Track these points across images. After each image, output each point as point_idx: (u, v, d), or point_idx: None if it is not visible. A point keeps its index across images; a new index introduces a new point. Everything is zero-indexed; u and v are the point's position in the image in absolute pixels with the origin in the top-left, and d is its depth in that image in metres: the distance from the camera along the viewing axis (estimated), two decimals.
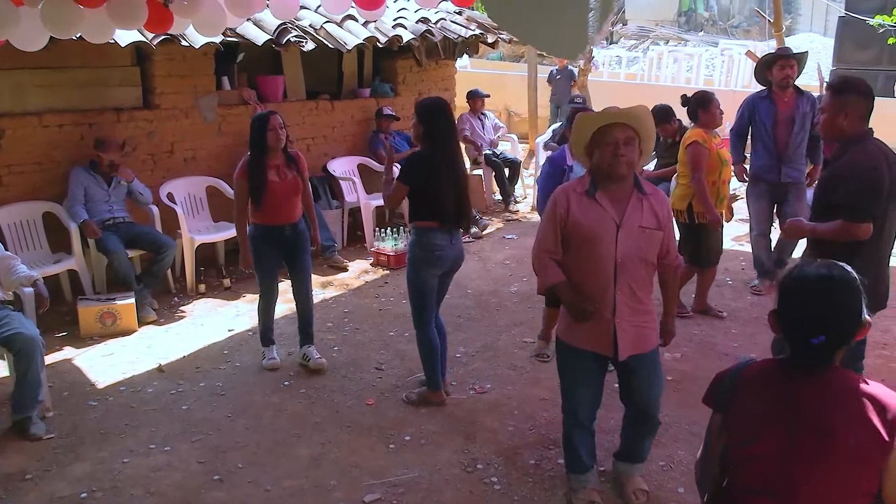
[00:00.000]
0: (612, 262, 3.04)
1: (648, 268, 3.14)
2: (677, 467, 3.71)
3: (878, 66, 11.07)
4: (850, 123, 3.42)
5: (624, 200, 3.06)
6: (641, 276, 3.11)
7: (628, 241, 3.04)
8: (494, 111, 10.62)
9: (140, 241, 5.85)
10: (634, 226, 3.05)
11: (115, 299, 5.45)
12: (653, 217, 3.07)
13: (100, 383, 4.66)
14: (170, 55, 6.37)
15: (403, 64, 8.47)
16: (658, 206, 3.10)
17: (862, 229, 3.36)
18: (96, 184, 5.80)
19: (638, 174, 3.30)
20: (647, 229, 3.06)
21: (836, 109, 3.44)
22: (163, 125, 6.53)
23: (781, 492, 1.86)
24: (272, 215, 4.61)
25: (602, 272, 3.07)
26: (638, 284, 3.10)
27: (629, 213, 3.05)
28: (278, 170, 4.61)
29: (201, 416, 4.27)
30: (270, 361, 4.82)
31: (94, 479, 3.65)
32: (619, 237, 3.03)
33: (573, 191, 3.14)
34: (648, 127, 3.09)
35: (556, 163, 4.61)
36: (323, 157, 7.76)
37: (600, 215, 3.05)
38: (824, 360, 1.86)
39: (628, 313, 3.10)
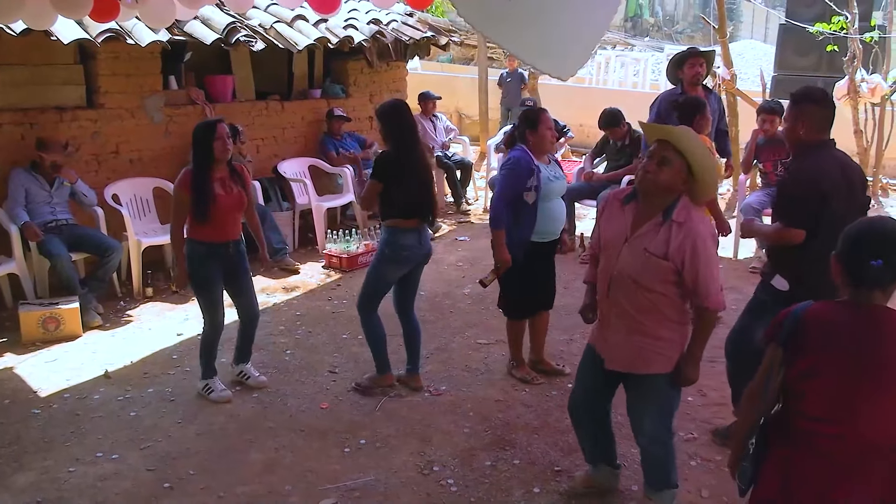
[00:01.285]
0: (609, 273, 2.99)
1: (648, 294, 2.93)
2: (631, 466, 3.75)
3: (817, 72, 11.38)
4: (807, 132, 3.50)
5: (647, 218, 2.92)
6: (638, 300, 2.95)
7: (628, 258, 2.93)
8: (445, 113, 10.63)
9: (84, 243, 5.70)
10: (640, 246, 2.90)
11: (58, 304, 5.29)
12: (664, 245, 2.87)
13: (43, 391, 4.51)
14: (115, 53, 6.22)
15: (354, 65, 8.43)
16: (678, 238, 2.85)
17: (793, 234, 3.47)
18: (38, 185, 5.63)
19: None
20: (651, 255, 2.88)
21: (793, 118, 3.55)
22: (107, 125, 6.37)
23: (841, 418, 2.10)
24: (217, 231, 4.25)
25: (602, 280, 3.06)
26: (635, 306, 2.96)
27: (643, 231, 2.91)
28: (223, 182, 4.27)
29: (150, 422, 4.17)
30: (223, 394, 4.40)
31: (39, 490, 3.53)
32: (622, 252, 2.95)
33: (615, 195, 3.11)
34: (693, 150, 2.86)
35: (523, 164, 4.28)
36: (273, 159, 7.67)
37: (620, 225, 2.99)
38: (883, 283, 2.10)
39: (622, 329, 3.02)
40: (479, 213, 8.87)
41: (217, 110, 7.01)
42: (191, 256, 4.26)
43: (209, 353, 4.45)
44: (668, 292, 2.92)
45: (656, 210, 2.90)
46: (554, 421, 4.18)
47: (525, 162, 4.26)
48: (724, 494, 3.53)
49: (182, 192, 4.19)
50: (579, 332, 5.38)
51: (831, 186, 3.42)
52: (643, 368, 3.05)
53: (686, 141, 2.86)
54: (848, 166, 3.55)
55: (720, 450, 3.90)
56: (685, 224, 2.86)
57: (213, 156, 4.19)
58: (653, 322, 2.97)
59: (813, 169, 3.47)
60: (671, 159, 2.84)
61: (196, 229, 4.23)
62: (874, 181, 9.10)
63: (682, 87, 5.85)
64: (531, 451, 3.90)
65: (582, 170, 7.64)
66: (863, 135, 9.11)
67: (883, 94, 8.89)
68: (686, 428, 4.12)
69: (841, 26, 8.70)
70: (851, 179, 3.52)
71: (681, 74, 5.84)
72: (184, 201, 4.19)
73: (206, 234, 4.22)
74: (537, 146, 4.32)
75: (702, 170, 2.88)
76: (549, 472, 3.72)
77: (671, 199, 2.89)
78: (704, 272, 2.86)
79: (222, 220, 4.26)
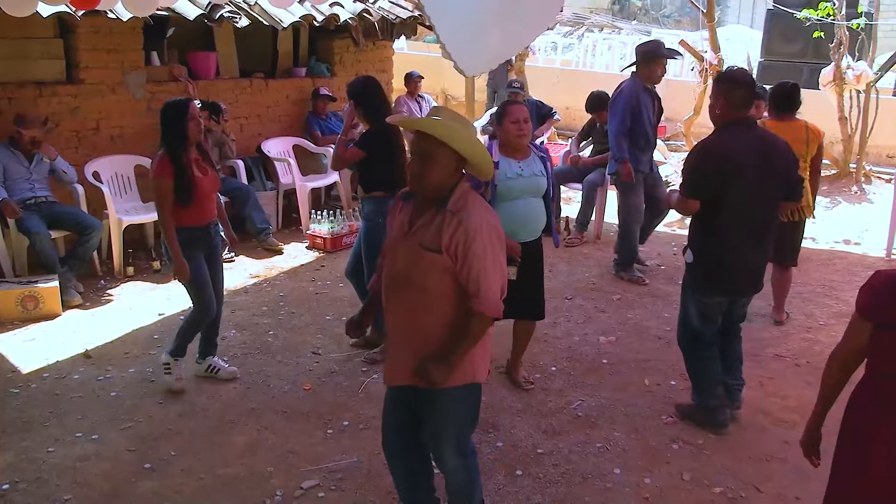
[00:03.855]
0: (388, 274, 2.70)
1: (425, 294, 2.59)
2: (614, 449, 3.78)
3: (803, 58, 11.40)
4: (723, 110, 3.66)
5: (424, 212, 2.62)
6: (416, 302, 2.61)
7: (404, 256, 2.63)
8: (432, 94, 10.56)
9: (64, 221, 5.62)
10: (415, 241, 2.60)
11: (37, 282, 5.22)
12: (438, 238, 2.54)
13: (22, 370, 4.46)
14: (95, 28, 6.11)
15: (340, 44, 8.33)
16: (450, 228, 2.53)
17: (688, 205, 3.73)
18: (16, 161, 5.54)
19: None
20: (425, 249, 2.56)
21: (714, 97, 3.72)
22: (87, 101, 6.27)
23: None
24: (198, 215, 4.10)
25: (383, 284, 2.75)
26: (412, 309, 2.63)
27: (419, 225, 2.61)
28: (198, 164, 4.12)
29: (131, 403, 4.13)
30: (176, 383, 4.25)
31: (18, 470, 3.50)
32: (399, 250, 2.66)
33: (399, 193, 2.83)
34: (453, 134, 2.54)
35: None
36: (257, 138, 7.59)
37: (399, 223, 2.71)
38: None
39: (401, 337, 2.70)
40: None
41: (200, 88, 6.92)
42: (182, 244, 4.04)
43: (190, 335, 4.28)
44: (449, 292, 2.59)
45: (433, 202, 2.61)
46: (537, 404, 4.18)
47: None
48: (705, 478, 3.55)
49: (165, 179, 3.97)
50: (563, 317, 5.39)
51: (736, 163, 3.56)
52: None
53: (444, 128, 2.54)
54: (771, 146, 3.68)
55: (702, 433, 3.93)
56: (460, 213, 2.55)
57: (187, 137, 4.02)
58: (437, 328, 2.61)
59: (719, 144, 3.64)
60: (434, 153, 2.53)
61: (177, 215, 4.03)
62: (858, 168, 9.15)
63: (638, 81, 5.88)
64: (514, 433, 3.90)
65: (568, 153, 7.63)
66: (847, 122, 9.14)
67: (868, 82, 8.91)
68: (667, 411, 4.14)
69: (828, 12, 8.70)
70: (770, 160, 3.63)
71: (646, 70, 5.81)
72: (168, 188, 3.97)
73: (188, 218, 4.05)
74: (504, 141, 4.03)
75: (473, 153, 2.60)
76: (531, 454, 3.72)
77: (448, 188, 2.59)
78: (478, 267, 2.53)
79: (202, 203, 4.11)
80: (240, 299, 5.66)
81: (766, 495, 3.44)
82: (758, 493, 3.46)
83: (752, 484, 3.51)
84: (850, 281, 6.22)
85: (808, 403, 4.22)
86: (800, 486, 3.44)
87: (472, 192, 2.64)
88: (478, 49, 3.48)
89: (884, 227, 7.28)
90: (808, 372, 4.64)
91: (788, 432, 3.95)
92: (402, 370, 2.69)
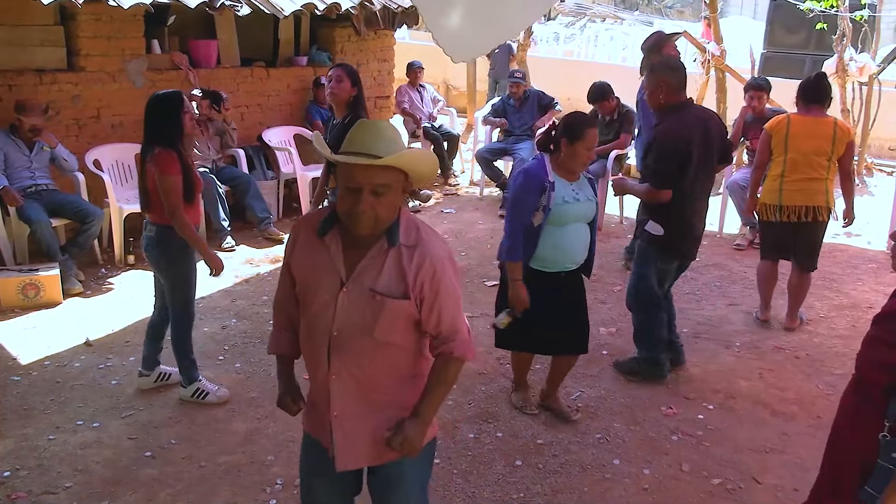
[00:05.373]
0: (326, 333, 2.11)
1: (387, 350, 2.13)
2: (613, 440, 3.79)
3: (806, 50, 11.38)
4: (666, 96, 3.99)
5: (363, 247, 2.09)
6: (376, 361, 2.13)
7: (352, 308, 2.08)
8: (433, 84, 10.53)
9: (64, 209, 5.62)
10: (364, 287, 2.08)
11: (37, 270, 5.22)
12: (399, 279, 2.08)
13: (22, 358, 4.47)
14: (96, 15, 6.09)
15: (342, 33, 8.30)
16: (413, 265, 2.08)
17: (662, 195, 3.98)
18: (17, 149, 5.53)
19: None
20: (384, 296, 2.07)
21: (654, 85, 4.03)
22: (88, 89, 6.25)
23: None
24: (194, 214, 3.91)
25: (317, 345, 2.14)
26: (371, 371, 2.13)
27: (364, 266, 2.08)
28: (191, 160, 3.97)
29: (132, 391, 4.14)
30: (220, 393, 4.04)
31: (19, 458, 3.51)
32: (340, 301, 2.08)
33: (308, 221, 2.20)
34: (408, 161, 2.04)
35: (534, 177, 3.58)
36: (258, 127, 7.58)
37: (325, 263, 2.11)
38: None
39: (353, 409, 2.16)
40: (466, 186, 8.83)
41: (201, 76, 6.90)
42: (173, 245, 3.80)
43: (188, 348, 4.02)
44: (409, 342, 2.18)
45: (373, 236, 2.08)
46: (537, 394, 4.19)
47: (536, 175, 3.57)
48: (703, 469, 3.56)
49: (174, 176, 3.71)
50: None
51: (691, 144, 3.94)
52: (391, 455, 2.19)
53: (405, 161, 2.03)
54: (708, 119, 4.11)
55: (701, 424, 3.94)
56: (419, 246, 2.10)
57: (183, 131, 3.86)
58: (397, 387, 2.19)
59: (674, 129, 3.96)
60: (391, 184, 2.02)
61: None
62: (860, 161, 9.13)
63: None
64: (514, 424, 3.91)
65: None
66: (850, 114, 9.13)
67: (871, 74, 8.89)
68: (666, 402, 4.15)
69: (831, 4, 8.68)
70: (710, 131, 4.05)
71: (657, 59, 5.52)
72: (178, 186, 3.72)
73: (189, 218, 3.85)
74: (566, 163, 3.57)
75: (428, 172, 2.15)
76: (531, 445, 3.73)
77: (394, 218, 2.10)
78: (450, 307, 2.15)
79: (198, 201, 3.96)
80: (241, 289, 5.66)
81: (765, 486, 3.46)
82: (756, 484, 3.47)
83: (750, 475, 3.52)
84: (851, 273, 6.23)
85: (807, 395, 4.26)
86: (798, 478, 3.45)
87: (415, 217, 2.19)
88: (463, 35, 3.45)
89: (885, 220, 7.29)
90: (807, 364, 4.65)
91: (787, 424, 3.96)
92: (359, 449, 2.19)
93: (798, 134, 4.85)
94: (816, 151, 4.82)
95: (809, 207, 4.85)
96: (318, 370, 2.16)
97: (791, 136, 4.85)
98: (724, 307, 5.52)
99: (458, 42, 3.45)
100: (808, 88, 4.96)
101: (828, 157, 4.83)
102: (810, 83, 4.98)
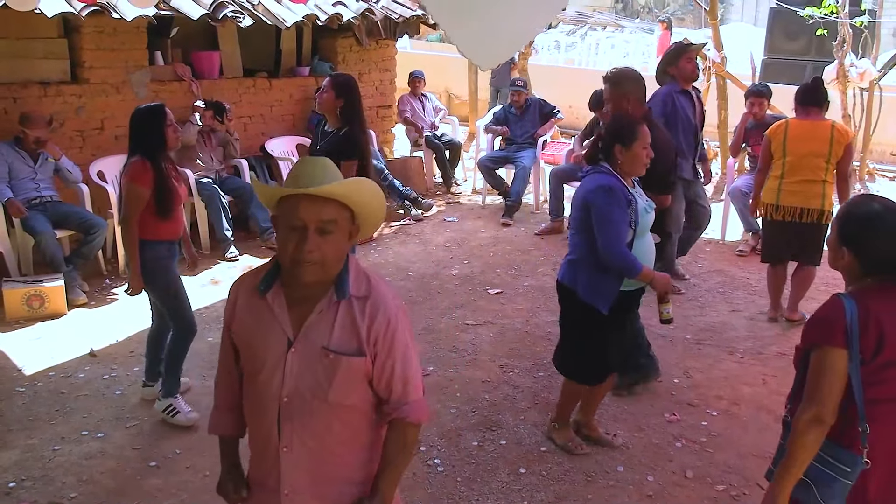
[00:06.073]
0: (275, 400, 1.88)
1: (343, 414, 1.91)
2: (617, 447, 3.79)
3: (806, 56, 11.39)
4: (634, 107, 3.99)
5: (309, 304, 1.89)
6: (331, 427, 1.90)
7: (302, 370, 1.88)
8: (435, 93, 10.56)
9: (69, 220, 5.64)
10: (315, 346, 1.87)
11: (42, 281, 5.24)
12: (352, 335, 1.88)
13: (27, 368, 4.48)
14: (99, 27, 6.13)
15: (343, 43, 8.34)
16: (366, 318, 1.89)
17: (664, 200, 4.07)
18: (21, 161, 5.56)
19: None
20: (337, 354, 1.87)
21: (619, 97, 4.04)
22: (92, 100, 6.29)
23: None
24: (174, 227, 3.85)
25: (264, 416, 1.91)
26: (325, 438, 1.91)
27: (312, 324, 1.88)
28: (172, 173, 3.89)
29: (136, 401, 4.15)
30: (190, 416, 3.91)
31: (24, 468, 3.52)
32: (289, 363, 1.87)
33: (243, 285, 2.00)
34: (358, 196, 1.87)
35: (619, 190, 3.31)
36: (260, 137, 7.61)
37: (270, 325, 1.91)
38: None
39: (307, 486, 1.92)
40: (468, 194, 8.85)
41: (204, 87, 6.94)
42: (154, 259, 3.77)
43: (179, 362, 3.99)
44: (365, 403, 1.95)
45: (321, 289, 1.89)
46: (541, 402, 4.19)
47: (620, 190, 3.31)
48: (707, 476, 3.56)
49: (141, 186, 3.69)
50: None
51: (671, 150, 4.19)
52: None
53: (351, 189, 1.85)
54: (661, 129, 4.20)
55: (705, 430, 3.94)
56: (371, 297, 1.91)
57: (167, 144, 3.82)
58: (354, 454, 1.97)
59: (663, 140, 4.00)
60: (339, 222, 1.84)
61: (156, 228, 3.77)
62: (861, 166, 9.14)
63: (676, 84, 5.51)
64: (518, 431, 3.92)
65: (571, 151, 7.62)
66: (851, 119, 9.13)
67: (871, 79, 8.90)
68: (669, 409, 4.15)
69: (831, 10, 8.69)
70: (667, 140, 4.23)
71: (674, 71, 5.49)
72: (142, 197, 3.69)
73: (165, 231, 3.81)
74: (627, 168, 3.37)
75: (368, 209, 1.92)
76: (535, 452, 3.73)
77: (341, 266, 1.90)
78: (404, 362, 1.94)
79: (178, 215, 3.89)
80: None
81: None
82: (760, 490, 3.45)
83: (754, 481, 3.51)
84: None
85: None
86: None
87: (362, 264, 1.99)
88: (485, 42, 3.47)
89: None
90: None
91: None
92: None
93: (795, 137, 4.96)
94: (814, 153, 4.92)
95: (805, 209, 4.95)
96: (266, 444, 1.92)
97: (789, 140, 4.97)
98: (727, 313, 5.51)
99: (481, 49, 3.46)
100: (806, 92, 5.07)
101: (826, 159, 4.91)
102: (807, 87, 5.10)
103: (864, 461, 2.13)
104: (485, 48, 3.49)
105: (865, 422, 2.12)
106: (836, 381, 2.11)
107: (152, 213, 3.72)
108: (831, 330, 2.13)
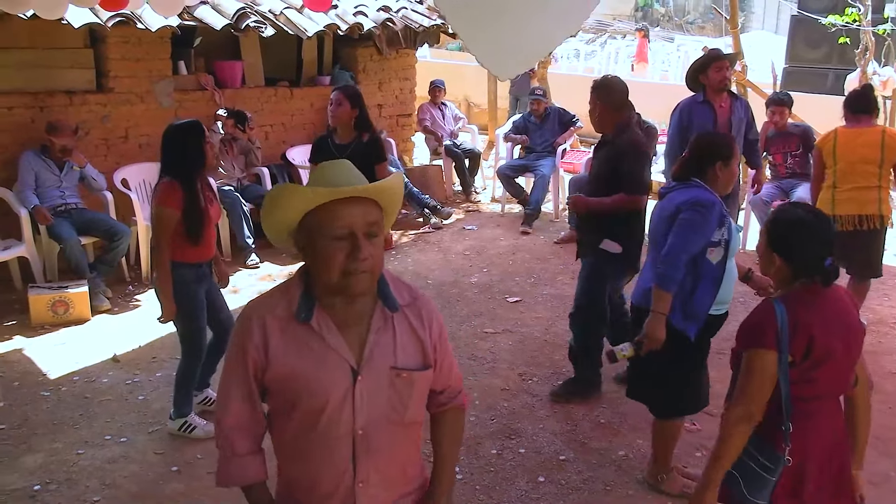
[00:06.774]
0: (348, 435, 1.73)
1: (412, 431, 1.84)
2: (636, 456, 3.78)
3: (828, 64, 11.32)
4: (602, 113, 4.13)
5: (360, 324, 1.74)
6: (405, 447, 1.83)
7: (374, 397, 1.73)
8: (455, 102, 10.61)
9: (93, 227, 5.72)
10: (383, 368, 1.73)
11: (67, 287, 5.31)
12: (416, 348, 1.78)
13: (52, 373, 4.55)
14: (124, 38, 6.22)
15: (364, 52, 8.41)
16: (420, 326, 1.79)
17: (640, 200, 4.07)
18: (48, 169, 5.65)
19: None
20: (409, 371, 1.75)
21: (604, 105, 4.12)
22: (117, 109, 6.38)
23: (839, 390, 2.33)
24: (205, 250, 3.75)
25: (333, 453, 1.74)
26: (400, 459, 1.82)
27: (374, 345, 1.73)
28: (204, 193, 3.76)
29: (158, 406, 4.20)
30: (207, 428, 3.83)
31: (48, 471, 3.57)
32: (358, 392, 1.71)
33: (270, 314, 1.74)
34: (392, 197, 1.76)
35: (714, 208, 3.19)
36: (281, 145, 7.68)
37: (325, 355, 1.71)
38: (835, 276, 2.28)
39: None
40: (487, 202, 8.87)
41: (226, 96, 7.02)
42: (180, 283, 3.68)
43: (189, 387, 3.95)
44: (423, 412, 1.90)
45: (368, 304, 1.75)
46: (560, 411, 4.19)
47: (717, 207, 3.19)
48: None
49: (171, 209, 3.59)
50: None
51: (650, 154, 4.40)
52: None
53: (393, 184, 1.75)
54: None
55: None
56: (416, 302, 1.82)
57: (205, 162, 3.72)
58: (414, 466, 1.92)
59: (639, 140, 4.17)
60: (378, 220, 1.71)
61: (184, 251, 3.66)
62: None
63: (704, 93, 5.44)
64: (537, 440, 3.92)
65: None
66: None
67: (894, 87, 8.83)
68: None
69: (854, 18, 8.63)
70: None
71: (704, 79, 5.40)
72: (172, 219, 3.59)
73: (195, 254, 3.71)
74: (722, 185, 3.26)
75: (391, 214, 1.79)
76: (554, 461, 3.73)
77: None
78: (451, 356, 1.92)
79: (209, 237, 3.77)
80: None
81: None
82: None
83: None
84: (878, 289, 6.16)
85: None
86: None
87: (392, 272, 1.87)
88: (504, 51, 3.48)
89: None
90: None
91: None
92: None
93: (844, 144, 4.89)
94: (864, 160, 4.84)
95: (862, 216, 4.85)
96: (338, 484, 1.75)
97: (838, 147, 4.90)
98: None
99: (500, 59, 3.48)
100: (855, 99, 5.03)
101: (878, 164, 4.82)
102: (857, 94, 5.08)
103: (786, 459, 2.25)
104: (503, 59, 3.51)
105: (789, 421, 2.25)
106: (765, 381, 2.24)
107: (181, 234, 3.63)
108: (763, 333, 2.24)
